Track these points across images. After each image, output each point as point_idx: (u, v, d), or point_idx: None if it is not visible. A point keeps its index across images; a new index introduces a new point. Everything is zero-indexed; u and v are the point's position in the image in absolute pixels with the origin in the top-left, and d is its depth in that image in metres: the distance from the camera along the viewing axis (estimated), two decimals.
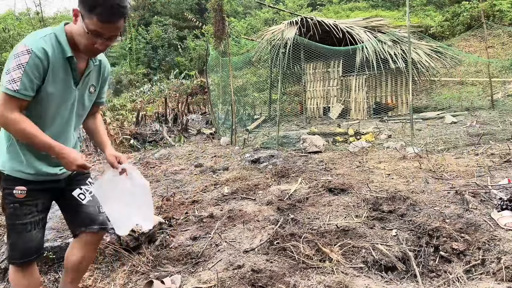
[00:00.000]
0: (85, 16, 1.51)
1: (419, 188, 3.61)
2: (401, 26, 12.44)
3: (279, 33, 11.38)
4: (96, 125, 1.98)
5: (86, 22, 1.51)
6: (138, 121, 10.79)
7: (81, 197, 1.86)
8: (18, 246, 1.72)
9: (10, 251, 1.74)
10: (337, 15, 23.49)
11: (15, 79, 1.50)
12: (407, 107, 10.74)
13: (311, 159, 5.57)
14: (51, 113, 1.67)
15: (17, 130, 1.56)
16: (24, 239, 1.72)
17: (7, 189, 1.70)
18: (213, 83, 11.74)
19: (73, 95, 1.71)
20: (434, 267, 2.29)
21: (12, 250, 1.73)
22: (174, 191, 4.41)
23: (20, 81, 1.51)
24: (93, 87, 1.81)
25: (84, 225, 1.86)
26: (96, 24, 1.50)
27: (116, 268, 2.53)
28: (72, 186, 1.87)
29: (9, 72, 1.51)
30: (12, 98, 1.52)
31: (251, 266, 2.29)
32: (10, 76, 1.51)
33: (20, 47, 1.53)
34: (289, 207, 3.41)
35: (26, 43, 1.54)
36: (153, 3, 31.50)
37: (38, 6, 27.56)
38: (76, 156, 1.65)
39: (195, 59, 24.92)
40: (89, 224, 1.87)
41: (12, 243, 1.72)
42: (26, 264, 1.75)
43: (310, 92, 12.75)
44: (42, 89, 1.59)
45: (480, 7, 14.82)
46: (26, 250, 1.73)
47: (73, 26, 1.60)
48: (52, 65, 1.58)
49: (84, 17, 1.51)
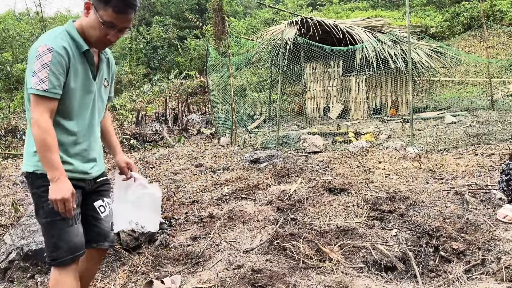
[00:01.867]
0: (100, 8, 1.57)
1: (419, 188, 3.61)
2: (401, 26, 12.44)
3: (279, 33, 11.38)
4: (108, 125, 1.98)
5: (100, 14, 1.57)
6: (138, 121, 10.79)
7: (101, 210, 1.82)
8: (63, 242, 1.64)
9: (53, 252, 1.64)
10: (337, 15, 23.50)
11: (43, 79, 1.51)
12: (407, 107, 10.74)
13: (311, 159, 5.57)
14: (77, 108, 1.67)
15: (38, 137, 1.53)
16: (69, 234, 1.65)
17: (43, 186, 1.62)
18: (213, 83, 11.75)
19: (93, 88, 1.73)
20: (434, 267, 2.29)
21: (56, 248, 1.63)
22: (174, 191, 4.41)
23: (48, 81, 1.52)
24: (106, 81, 1.83)
25: (96, 242, 1.82)
26: (111, 15, 1.57)
27: (116, 268, 2.53)
28: (95, 195, 1.82)
29: (35, 74, 1.52)
30: (43, 99, 1.53)
31: (251, 266, 2.29)
32: (37, 77, 1.51)
33: (41, 48, 1.54)
34: (289, 207, 3.41)
35: (45, 42, 1.55)
36: (153, 3, 31.51)
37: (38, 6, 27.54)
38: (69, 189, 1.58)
39: (195, 59, 24.92)
40: (101, 241, 1.83)
41: (55, 241, 1.63)
42: (75, 260, 1.68)
43: (310, 92, 12.75)
44: (65, 85, 1.60)
45: (480, 7, 14.82)
46: (73, 244, 1.66)
47: (83, 20, 1.64)
48: (72, 60, 1.61)
49: (99, 9, 1.57)
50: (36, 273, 2.41)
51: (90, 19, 1.61)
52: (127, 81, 22.82)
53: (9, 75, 18.58)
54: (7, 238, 2.64)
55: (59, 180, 1.56)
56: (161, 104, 15.38)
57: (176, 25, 29.36)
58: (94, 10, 1.59)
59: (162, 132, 9.10)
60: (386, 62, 10.27)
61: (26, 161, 1.69)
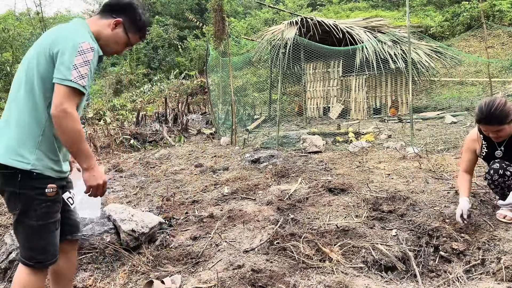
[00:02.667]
0: (131, 31, 1.81)
1: (419, 188, 3.61)
2: (401, 26, 12.44)
3: (279, 33, 11.38)
4: None
5: (130, 36, 1.82)
6: (138, 121, 10.79)
7: (70, 201, 1.82)
8: (51, 246, 1.67)
9: (40, 255, 1.64)
10: (337, 15, 23.50)
11: (83, 75, 1.55)
12: (407, 107, 10.74)
13: (311, 159, 5.57)
14: (80, 109, 1.69)
15: (74, 129, 1.54)
16: (56, 237, 1.70)
17: (39, 188, 1.61)
18: (213, 83, 11.75)
19: None
20: (434, 267, 2.29)
21: (44, 251, 1.65)
22: (174, 191, 4.41)
23: (87, 77, 1.57)
24: None
25: (71, 233, 1.85)
26: (137, 39, 1.86)
27: (116, 268, 2.53)
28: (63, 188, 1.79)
29: (76, 68, 1.54)
30: (77, 94, 1.55)
31: (251, 266, 2.29)
32: (78, 72, 1.54)
33: (85, 44, 1.58)
34: (289, 207, 3.41)
35: (87, 40, 1.61)
36: (153, 3, 31.51)
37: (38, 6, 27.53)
38: (103, 173, 1.68)
39: (195, 59, 24.92)
40: (75, 231, 1.88)
41: (45, 244, 1.65)
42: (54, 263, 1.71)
43: (310, 92, 12.75)
44: None
45: (480, 7, 14.82)
46: (57, 247, 1.71)
47: (103, 30, 1.76)
48: None
49: (129, 31, 1.81)
50: None
51: (117, 35, 1.79)
52: (127, 81, 22.82)
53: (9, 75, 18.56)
54: (7, 238, 2.64)
55: (96, 167, 1.64)
56: (161, 104, 15.39)
57: (177, 25, 29.37)
58: (123, 29, 1.79)
59: (162, 132, 9.11)
60: (386, 62, 10.27)
61: (15, 155, 1.57)
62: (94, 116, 13.50)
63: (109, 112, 14.14)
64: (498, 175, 2.67)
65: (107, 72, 25.95)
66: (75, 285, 2.34)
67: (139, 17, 1.82)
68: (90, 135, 8.65)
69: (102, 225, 2.79)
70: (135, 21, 1.81)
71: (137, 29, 1.82)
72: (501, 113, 2.48)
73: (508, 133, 2.60)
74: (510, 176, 2.64)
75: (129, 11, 1.80)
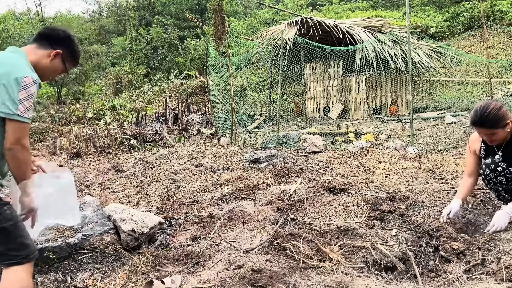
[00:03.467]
0: (68, 61, 2.00)
1: (419, 188, 3.61)
2: (401, 26, 12.44)
3: (279, 33, 11.38)
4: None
5: (67, 65, 2.00)
6: (138, 121, 10.80)
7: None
8: (28, 240, 1.81)
9: (23, 250, 1.77)
10: (337, 15, 23.51)
11: (28, 107, 1.71)
12: (407, 107, 10.74)
13: (311, 159, 5.57)
14: None
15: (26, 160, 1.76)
16: (28, 234, 1.83)
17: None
18: (213, 83, 11.75)
19: None
20: (434, 267, 2.29)
21: (26, 246, 1.78)
22: (174, 191, 4.41)
23: (31, 109, 1.73)
24: None
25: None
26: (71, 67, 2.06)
27: (116, 268, 2.53)
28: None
29: (21, 102, 1.69)
30: (26, 126, 1.73)
31: (251, 266, 2.29)
32: (24, 106, 1.70)
33: (27, 79, 1.72)
34: (289, 207, 3.41)
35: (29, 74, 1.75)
36: (153, 3, 31.52)
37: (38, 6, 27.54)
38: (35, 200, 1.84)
39: (195, 59, 24.93)
40: None
41: (23, 240, 1.78)
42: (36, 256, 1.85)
43: (310, 92, 12.75)
44: None
45: (480, 7, 14.83)
46: (33, 242, 1.85)
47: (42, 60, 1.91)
48: None
49: (67, 62, 1.99)
50: (36, 273, 2.41)
51: (55, 65, 1.95)
52: (127, 81, 22.83)
53: None
54: None
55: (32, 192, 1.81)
56: (161, 104, 15.40)
57: (177, 25, 29.38)
58: (61, 60, 1.96)
59: (162, 132, 9.11)
60: (386, 62, 10.27)
61: None
62: (94, 116, 13.52)
63: (109, 112, 14.14)
64: (489, 169, 2.69)
65: (107, 72, 25.96)
66: (75, 285, 2.34)
67: (76, 48, 2.01)
68: (90, 135, 8.66)
69: (102, 225, 2.79)
70: (73, 53, 2.00)
71: (74, 60, 2.03)
72: (494, 117, 2.50)
73: (502, 138, 2.62)
74: (501, 172, 2.65)
75: (68, 43, 1.97)
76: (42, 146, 9.31)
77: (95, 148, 7.89)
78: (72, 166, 6.81)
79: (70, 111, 14.81)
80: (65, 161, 7.29)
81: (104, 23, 34.38)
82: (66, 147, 8.67)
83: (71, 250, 2.55)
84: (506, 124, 2.53)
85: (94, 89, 23.48)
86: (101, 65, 26.42)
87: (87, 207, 3.03)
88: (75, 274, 2.45)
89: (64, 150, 8.35)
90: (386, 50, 10.45)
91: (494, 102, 2.58)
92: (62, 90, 20.03)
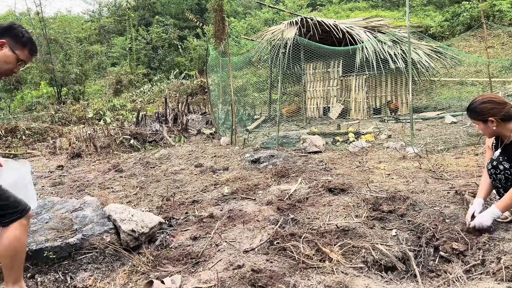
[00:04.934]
0: (17, 49, 1.96)
1: (419, 188, 3.61)
2: (401, 26, 12.44)
3: (279, 33, 11.38)
4: None
5: (18, 53, 1.97)
6: (138, 121, 10.81)
7: None
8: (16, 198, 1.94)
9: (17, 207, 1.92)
10: (337, 15, 23.51)
11: None
12: (407, 107, 10.74)
13: (311, 159, 5.57)
14: None
15: None
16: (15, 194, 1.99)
17: None
18: (213, 83, 11.75)
19: None
20: (434, 267, 2.29)
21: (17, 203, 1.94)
22: (174, 191, 4.41)
23: None
24: None
25: None
26: (27, 54, 2.01)
27: (116, 268, 2.53)
28: None
29: None
30: None
31: (251, 266, 2.29)
32: None
33: None
34: (289, 207, 3.41)
35: None
36: (153, 3, 31.52)
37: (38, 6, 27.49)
38: None
39: (195, 59, 24.94)
40: None
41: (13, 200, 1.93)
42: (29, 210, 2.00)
43: (310, 92, 12.75)
44: None
45: (480, 7, 14.83)
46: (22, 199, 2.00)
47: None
48: None
49: (16, 49, 1.96)
50: (36, 273, 2.41)
51: (4, 55, 1.94)
52: (127, 81, 22.84)
53: None
54: None
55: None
56: (161, 104, 15.40)
57: (177, 25, 29.38)
58: (9, 49, 1.94)
59: (162, 132, 9.11)
60: (386, 62, 10.27)
61: None
62: (94, 116, 13.52)
63: (109, 112, 14.15)
64: (492, 165, 2.72)
65: (107, 72, 25.97)
66: (75, 285, 2.34)
67: (21, 34, 1.99)
68: (90, 135, 8.66)
69: (102, 225, 2.79)
70: (19, 38, 1.98)
71: (23, 45, 1.98)
72: (474, 109, 2.63)
73: (488, 133, 2.69)
74: (502, 171, 2.66)
75: (10, 31, 1.97)
76: (42, 146, 9.32)
77: (95, 148, 7.89)
78: (72, 166, 6.81)
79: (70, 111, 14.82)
80: (65, 161, 7.29)
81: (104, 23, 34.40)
82: (66, 147, 8.68)
83: (71, 250, 2.55)
84: (487, 119, 2.58)
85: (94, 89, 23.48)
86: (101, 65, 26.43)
87: (87, 207, 3.03)
88: (75, 274, 2.45)
89: (64, 150, 8.36)
90: (386, 50, 10.44)
91: (486, 95, 2.66)
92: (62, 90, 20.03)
